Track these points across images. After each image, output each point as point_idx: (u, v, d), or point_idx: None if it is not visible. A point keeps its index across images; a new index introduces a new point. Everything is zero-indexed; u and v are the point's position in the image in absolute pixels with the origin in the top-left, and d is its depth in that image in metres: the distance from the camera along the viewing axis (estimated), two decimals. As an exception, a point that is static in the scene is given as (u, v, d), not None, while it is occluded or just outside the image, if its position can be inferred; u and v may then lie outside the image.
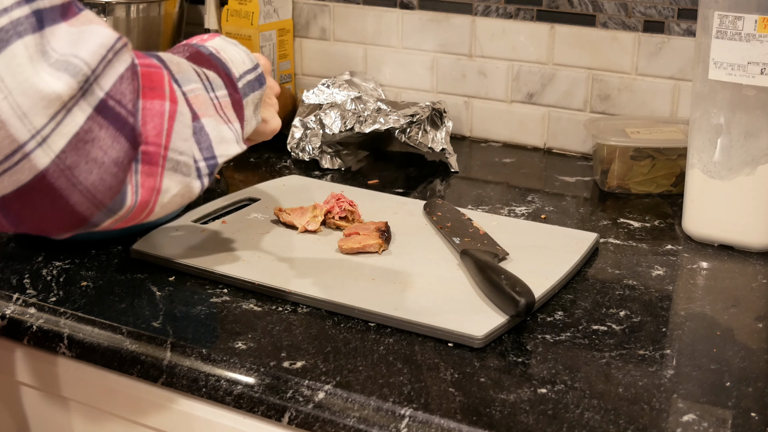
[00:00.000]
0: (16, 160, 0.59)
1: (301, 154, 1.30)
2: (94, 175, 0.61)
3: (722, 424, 0.72)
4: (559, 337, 0.84)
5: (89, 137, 0.61)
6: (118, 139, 0.62)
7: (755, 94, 0.98)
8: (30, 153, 0.59)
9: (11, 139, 0.58)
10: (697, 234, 1.05)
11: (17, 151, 0.58)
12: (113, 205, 0.64)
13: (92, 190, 0.62)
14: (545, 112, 1.37)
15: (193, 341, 0.84)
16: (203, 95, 0.74)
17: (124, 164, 0.63)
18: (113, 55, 0.63)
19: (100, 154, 0.61)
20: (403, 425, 0.73)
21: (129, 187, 0.64)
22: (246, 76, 0.83)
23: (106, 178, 0.62)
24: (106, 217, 0.64)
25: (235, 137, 0.77)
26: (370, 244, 0.98)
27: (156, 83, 0.67)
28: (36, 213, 0.62)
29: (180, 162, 0.68)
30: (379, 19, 1.44)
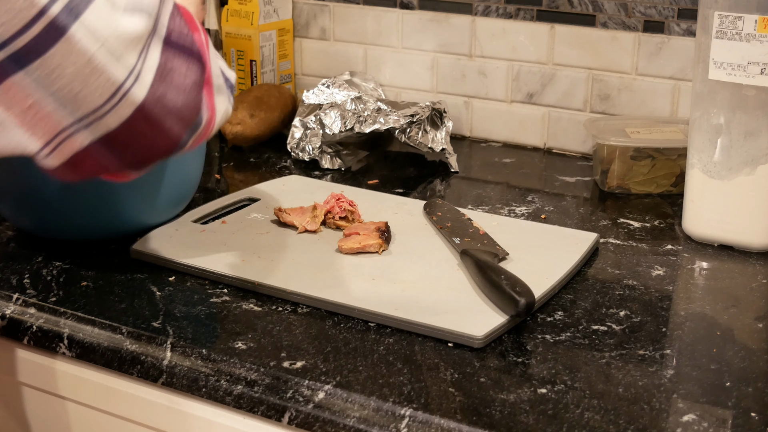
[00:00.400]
0: (118, 98, 0.66)
1: (301, 154, 1.30)
2: (181, 100, 0.69)
3: (722, 424, 0.72)
4: (559, 337, 0.84)
5: (168, 67, 0.68)
6: (191, 65, 0.70)
7: (755, 94, 0.98)
8: (129, 90, 0.66)
9: (112, 81, 0.65)
10: (697, 234, 1.05)
11: (118, 90, 0.65)
12: (196, 122, 0.72)
13: (181, 113, 0.70)
14: (545, 112, 1.37)
15: (193, 341, 0.84)
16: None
17: (200, 85, 0.71)
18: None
19: (181, 81, 0.69)
20: (403, 425, 0.73)
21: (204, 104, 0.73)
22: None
23: (189, 100, 0.70)
24: (190, 136, 0.72)
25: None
26: (370, 244, 0.98)
27: (190, 19, 0.74)
28: (138, 142, 0.69)
29: (220, 85, 0.76)
30: (379, 19, 1.44)
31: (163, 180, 1.01)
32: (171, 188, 1.03)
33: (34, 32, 0.62)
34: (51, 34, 0.63)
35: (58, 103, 0.65)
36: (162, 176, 1.01)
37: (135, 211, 1.01)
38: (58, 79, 0.64)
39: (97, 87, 0.65)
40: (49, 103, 0.65)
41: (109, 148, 0.69)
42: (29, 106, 0.65)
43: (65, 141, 0.67)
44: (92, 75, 0.64)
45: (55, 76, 0.64)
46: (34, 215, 1.00)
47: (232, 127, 1.34)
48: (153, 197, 1.01)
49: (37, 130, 0.66)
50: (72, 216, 0.99)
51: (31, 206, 1.00)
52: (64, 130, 0.66)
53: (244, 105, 1.35)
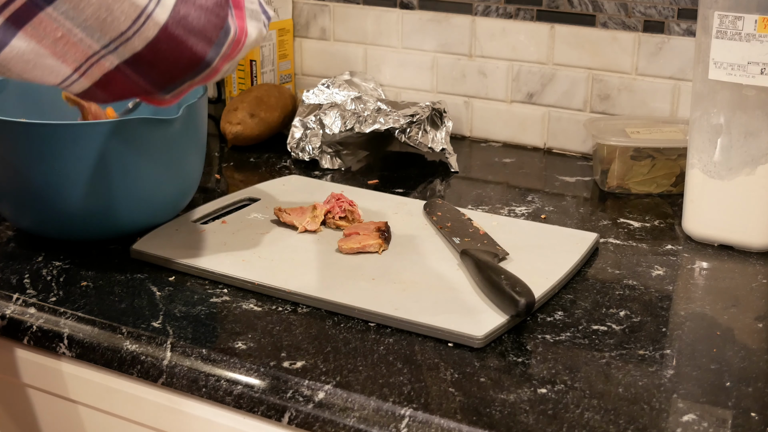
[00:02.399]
0: (142, 21, 0.70)
1: (301, 154, 1.30)
2: (203, 19, 0.73)
3: (722, 424, 0.72)
4: (559, 337, 0.84)
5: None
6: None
7: (755, 94, 0.98)
8: (152, 12, 0.70)
9: (136, 6, 0.70)
10: (697, 234, 1.05)
11: (142, 13, 0.70)
12: (220, 39, 0.76)
13: (203, 31, 0.74)
14: (545, 112, 1.37)
15: (193, 341, 0.84)
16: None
17: (224, 4, 0.75)
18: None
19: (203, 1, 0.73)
20: (403, 425, 0.73)
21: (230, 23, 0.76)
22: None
23: (211, 18, 0.74)
24: (216, 53, 0.76)
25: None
26: (370, 243, 0.98)
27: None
28: (163, 60, 0.74)
29: (254, 11, 0.80)
30: (379, 19, 1.44)
31: (163, 180, 1.01)
32: (171, 188, 1.03)
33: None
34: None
35: (87, 32, 0.70)
36: (162, 176, 1.01)
37: (135, 211, 1.01)
38: (86, 9, 0.68)
39: (122, 12, 0.69)
40: (77, 32, 0.69)
41: (137, 68, 0.73)
42: (60, 36, 0.69)
43: (95, 64, 0.72)
44: (117, 2, 0.69)
45: (82, 6, 0.68)
46: (34, 215, 1.00)
47: (232, 127, 1.34)
48: (153, 197, 1.01)
49: (68, 58, 0.71)
50: (72, 216, 0.99)
51: (31, 206, 1.00)
52: (94, 55, 0.71)
53: (244, 105, 1.35)
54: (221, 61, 0.78)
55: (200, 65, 0.76)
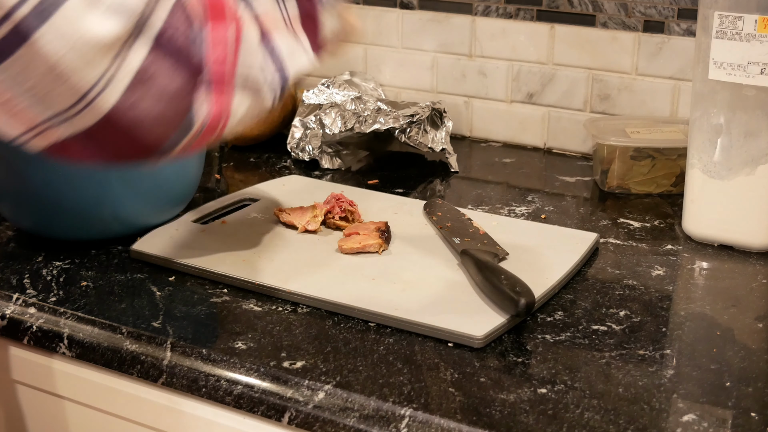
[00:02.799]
0: (85, 103, 0.63)
1: (301, 154, 1.30)
2: (160, 106, 0.65)
3: (722, 424, 0.72)
4: (559, 337, 0.84)
5: (151, 71, 0.64)
6: (179, 69, 0.66)
7: (755, 94, 0.98)
8: (96, 96, 0.63)
9: (79, 87, 0.62)
10: (697, 234, 1.05)
11: (85, 95, 0.63)
12: (184, 126, 0.68)
13: (160, 120, 0.66)
14: (545, 112, 1.37)
15: (193, 341, 0.84)
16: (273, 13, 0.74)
17: (189, 91, 0.67)
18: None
19: (163, 85, 0.65)
20: (403, 425, 0.73)
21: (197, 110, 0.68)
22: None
23: (170, 107, 0.66)
24: (177, 141, 0.69)
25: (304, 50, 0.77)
26: (371, 243, 0.98)
27: (219, 8, 0.69)
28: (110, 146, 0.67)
29: (249, 81, 0.71)
30: (379, 19, 1.44)
31: (163, 180, 1.01)
32: (171, 188, 1.03)
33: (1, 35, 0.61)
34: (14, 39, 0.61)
35: (32, 100, 0.64)
36: (162, 176, 1.01)
37: (135, 211, 1.01)
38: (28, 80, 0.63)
39: (63, 92, 0.63)
40: (23, 99, 0.64)
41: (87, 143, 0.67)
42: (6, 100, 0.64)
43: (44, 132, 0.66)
44: (57, 81, 0.63)
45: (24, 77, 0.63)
46: (34, 215, 1.00)
47: (232, 127, 1.34)
48: (153, 197, 1.01)
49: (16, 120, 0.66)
50: (72, 216, 0.99)
51: (31, 206, 1.00)
52: (42, 123, 0.65)
53: (244, 105, 1.35)
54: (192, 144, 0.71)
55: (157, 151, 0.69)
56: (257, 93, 0.72)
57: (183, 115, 0.67)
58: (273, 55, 0.73)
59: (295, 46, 0.76)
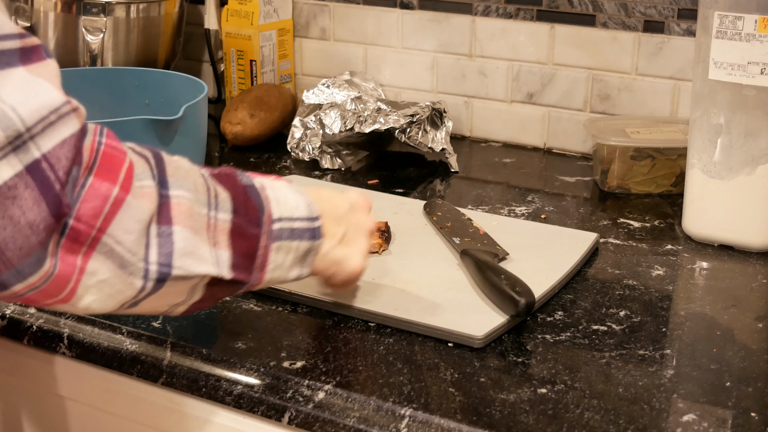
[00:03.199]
0: None
1: (301, 154, 1.30)
2: (6, 232, 0.60)
3: (722, 424, 0.72)
4: (559, 337, 0.84)
5: (11, 194, 0.60)
6: (40, 203, 0.61)
7: (755, 94, 0.98)
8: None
9: None
10: (697, 234, 1.05)
11: None
12: (23, 268, 0.62)
13: (1, 246, 0.60)
14: (545, 112, 1.37)
15: (193, 341, 0.84)
16: (191, 207, 0.69)
17: (40, 230, 0.61)
18: (57, 117, 0.61)
19: (17, 213, 0.60)
20: (403, 425, 0.73)
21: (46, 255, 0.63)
22: (291, 222, 0.76)
23: (17, 237, 0.60)
24: (17, 280, 0.62)
25: (213, 261, 0.71)
26: (371, 244, 0.98)
27: (113, 167, 0.65)
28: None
29: (116, 252, 0.65)
30: (379, 19, 1.44)
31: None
32: (171, 188, 1.03)
33: None
34: None
35: None
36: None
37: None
38: None
39: None
40: None
41: None
42: None
43: None
44: None
45: None
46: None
47: (232, 127, 1.34)
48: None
49: None
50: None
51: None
52: None
53: (244, 105, 1.35)
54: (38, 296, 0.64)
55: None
56: (122, 269, 0.66)
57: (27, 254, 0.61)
58: (161, 241, 0.67)
59: (201, 250, 0.69)
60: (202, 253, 0.69)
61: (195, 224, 0.69)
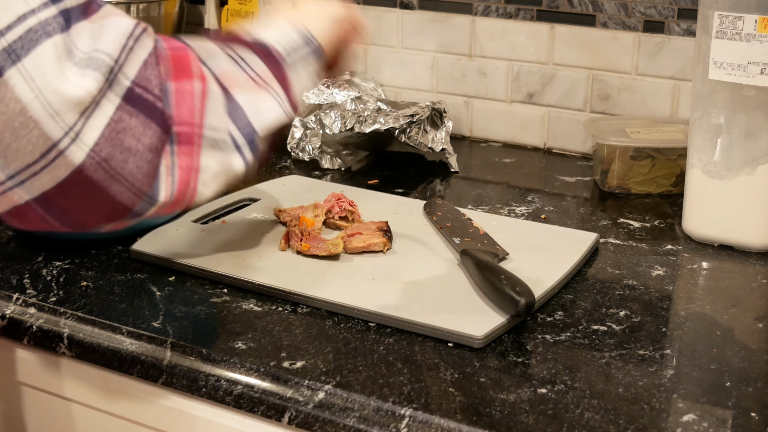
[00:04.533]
0: (52, 157, 0.60)
1: (301, 154, 1.30)
2: (130, 164, 0.63)
3: (722, 424, 0.72)
4: (559, 337, 0.84)
5: (120, 127, 0.62)
6: (149, 125, 0.63)
7: (755, 94, 0.98)
8: (65, 150, 0.60)
9: (45, 138, 0.60)
10: (697, 234, 1.05)
11: (52, 148, 0.60)
12: (153, 192, 0.65)
13: (130, 179, 0.63)
14: (545, 112, 1.37)
15: (193, 341, 0.84)
16: (235, 71, 0.73)
17: (158, 149, 0.64)
18: (134, 42, 0.64)
19: (133, 143, 0.63)
20: (403, 425, 0.73)
21: (164, 170, 0.65)
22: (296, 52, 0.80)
23: (142, 165, 0.63)
24: (149, 205, 0.66)
25: (278, 103, 0.75)
26: (375, 243, 0.98)
27: (184, 64, 0.68)
28: (78, 206, 0.63)
29: (217, 139, 0.69)
30: (379, 19, 1.44)
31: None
32: (171, 188, 1.03)
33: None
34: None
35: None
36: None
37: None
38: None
39: (29, 141, 0.60)
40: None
41: (48, 209, 0.63)
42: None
43: (2, 195, 0.62)
44: (24, 127, 0.59)
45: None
46: (34, 215, 1.00)
47: (232, 127, 1.34)
48: (153, 197, 1.01)
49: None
50: (72, 216, 0.99)
51: (31, 206, 1.00)
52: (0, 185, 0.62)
53: (244, 105, 1.35)
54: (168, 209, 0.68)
55: (128, 214, 0.65)
56: (225, 153, 0.69)
57: (152, 178, 0.64)
58: (237, 114, 0.71)
59: (263, 101, 0.73)
60: (265, 103, 0.74)
61: (243, 84, 0.72)
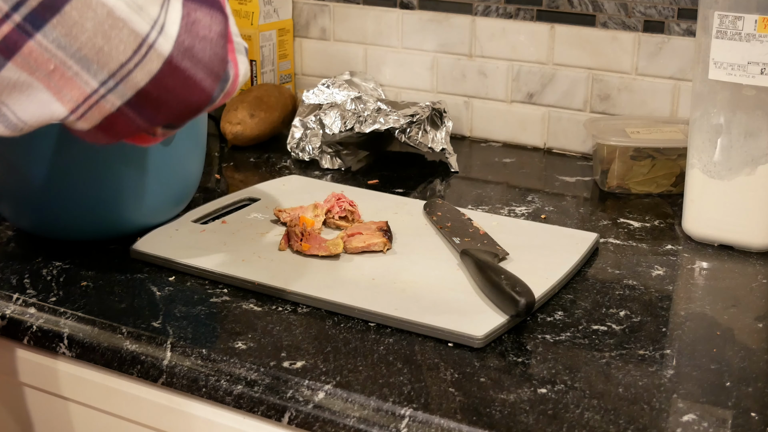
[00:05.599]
0: (144, 52, 0.63)
1: (301, 154, 1.30)
2: (209, 51, 0.67)
3: (722, 424, 0.72)
4: (559, 337, 0.84)
5: (191, 19, 0.66)
6: (215, 15, 0.67)
7: (755, 94, 0.98)
8: (154, 42, 0.64)
9: (135, 34, 0.63)
10: (697, 234, 1.05)
11: (143, 43, 0.63)
12: (225, 75, 0.69)
13: (210, 65, 0.67)
14: (545, 112, 1.37)
15: (193, 341, 0.84)
16: None
17: (226, 35, 0.68)
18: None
19: (206, 32, 0.66)
20: (403, 425, 0.73)
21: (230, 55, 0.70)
22: None
23: (218, 51, 0.67)
24: (221, 90, 0.69)
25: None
26: (375, 242, 0.98)
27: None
28: (170, 98, 0.67)
29: (238, 43, 0.72)
30: (379, 19, 1.44)
31: (163, 180, 1.01)
32: (171, 188, 1.03)
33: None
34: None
35: (82, 64, 0.63)
36: (162, 176, 1.01)
37: (135, 211, 1.01)
38: (79, 36, 0.61)
39: (120, 41, 0.62)
40: (72, 65, 0.63)
41: (141, 109, 0.66)
42: (53, 69, 0.63)
43: (94, 106, 0.65)
44: (114, 28, 0.62)
45: (75, 33, 0.61)
46: (34, 215, 1.00)
47: (232, 127, 1.34)
48: (153, 197, 1.01)
49: (64, 95, 0.64)
50: (72, 216, 0.99)
51: (31, 206, 1.00)
52: (92, 95, 0.64)
53: (244, 105, 1.35)
54: (222, 98, 0.71)
55: (208, 102, 0.69)
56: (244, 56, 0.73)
57: (225, 62, 0.69)
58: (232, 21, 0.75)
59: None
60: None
61: None
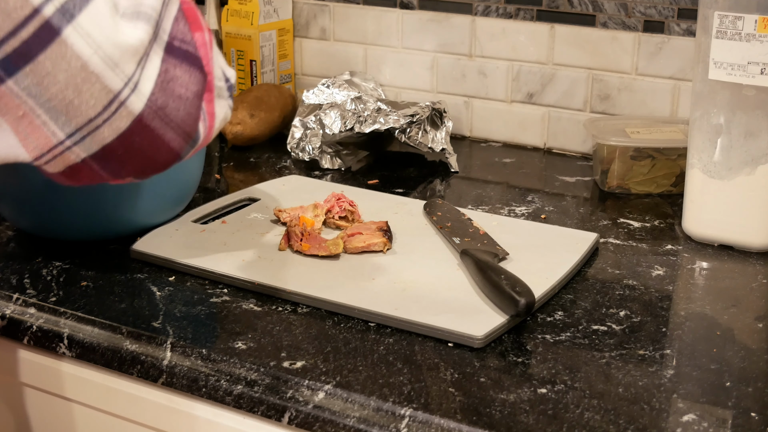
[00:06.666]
0: (114, 108, 0.63)
1: (301, 154, 1.30)
2: (182, 111, 0.66)
3: (722, 424, 0.72)
4: (559, 337, 0.84)
5: (169, 77, 0.65)
6: (193, 73, 0.67)
7: (755, 94, 0.98)
8: (125, 100, 0.63)
9: (107, 90, 0.62)
10: (697, 234, 1.05)
11: (114, 100, 0.63)
12: (196, 135, 0.69)
13: (182, 125, 0.67)
14: (545, 112, 1.37)
15: (193, 341, 0.84)
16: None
17: (201, 96, 0.68)
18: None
19: (183, 91, 0.66)
20: (403, 425, 0.73)
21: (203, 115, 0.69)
22: None
23: (191, 111, 0.67)
24: (191, 147, 0.69)
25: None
26: (375, 242, 0.98)
27: (195, 16, 0.71)
28: (136, 156, 0.66)
29: (221, 88, 0.72)
30: (379, 19, 1.44)
31: (163, 180, 1.01)
32: (171, 188, 1.03)
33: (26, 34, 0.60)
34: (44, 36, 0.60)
35: (51, 114, 0.62)
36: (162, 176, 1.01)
37: (135, 211, 1.01)
38: (50, 87, 0.61)
39: (92, 96, 0.62)
40: (41, 113, 0.62)
41: (106, 163, 0.66)
42: (22, 115, 0.62)
43: (59, 156, 0.65)
44: (86, 82, 0.62)
45: (46, 84, 0.61)
46: (34, 215, 1.00)
47: (232, 127, 1.34)
48: (153, 197, 1.01)
49: (30, 142, 0.64)
50: (72, 216, 0.99)
51: (31, 206, 1.00)
52: (58, 145, 0.64)
53: (244, 105, 1.35)
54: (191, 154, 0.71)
55: (175, 161, 0.69)
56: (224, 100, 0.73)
57: (197, 122, 0.68)
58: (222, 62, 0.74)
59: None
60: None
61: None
